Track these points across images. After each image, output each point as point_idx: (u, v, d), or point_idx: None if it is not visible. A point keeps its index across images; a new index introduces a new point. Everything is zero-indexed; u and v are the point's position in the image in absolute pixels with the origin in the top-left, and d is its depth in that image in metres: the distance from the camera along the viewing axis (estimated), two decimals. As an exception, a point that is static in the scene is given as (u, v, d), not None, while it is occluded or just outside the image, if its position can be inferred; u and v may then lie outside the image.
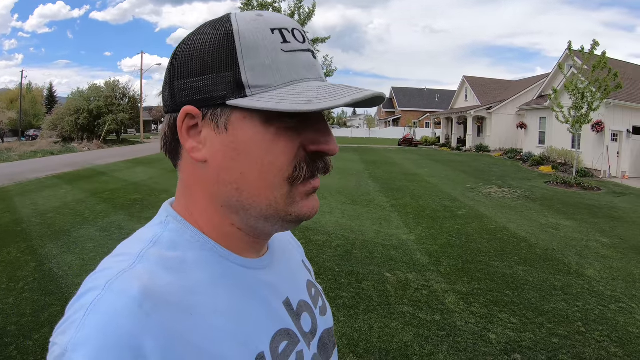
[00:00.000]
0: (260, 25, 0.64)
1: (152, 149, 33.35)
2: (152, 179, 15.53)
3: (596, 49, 16.03)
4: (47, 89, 70.70)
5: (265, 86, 0.62)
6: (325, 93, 0.60)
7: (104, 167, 19.93)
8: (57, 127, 40.99)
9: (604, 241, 8.18)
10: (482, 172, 19.07)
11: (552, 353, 4.23)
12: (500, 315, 5.03)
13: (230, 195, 0.66)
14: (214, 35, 0.64)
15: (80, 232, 8.11)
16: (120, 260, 0.62)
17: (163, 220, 0.70)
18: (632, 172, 19.09)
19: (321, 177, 0.71)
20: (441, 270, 6.42)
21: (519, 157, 25.39)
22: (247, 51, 0.62)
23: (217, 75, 0.62)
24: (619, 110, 19.21)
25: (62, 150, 31.90)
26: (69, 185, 14.08)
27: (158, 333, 0.54)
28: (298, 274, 0.88)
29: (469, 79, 40.00)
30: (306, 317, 0.80)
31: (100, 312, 0.53)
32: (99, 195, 12.25)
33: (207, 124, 0.64)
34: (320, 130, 0.66)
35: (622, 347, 4.36)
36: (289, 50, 0.64)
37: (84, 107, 40.30)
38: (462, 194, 13.27)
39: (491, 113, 32.47)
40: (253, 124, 0.63)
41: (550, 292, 5.72)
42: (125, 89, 45.13)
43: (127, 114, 42.81)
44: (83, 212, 9.94)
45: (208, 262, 0.66)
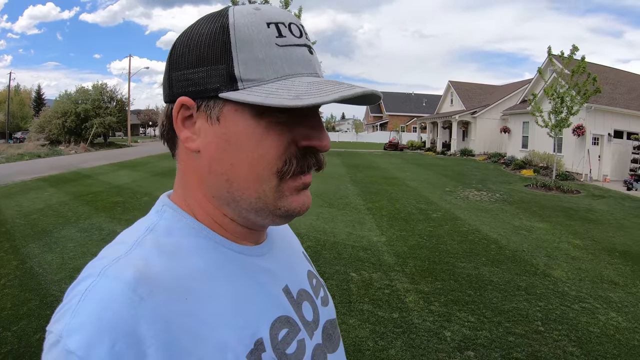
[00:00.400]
0: (256, 18, 0.64)
1: (138, 152, 33.29)
2: (135, 182, 15.55)
3: (575, 53, 16.16)
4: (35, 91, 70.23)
5: (257, 80, 0.62)
6: (315, 89, 0.60)
7: (89, 170, 19.87)
8: (44, 129, 40.58)
9: (576, 243, 8.18)
10: (463, 175, 19.08)
11: (506, 351, 4.22)
12: (459, 314, 5.02)
13: (221, 186, 0.67)
14: (211, 28, 0.64)
15: (62, 233, 8.21)
16: (117, 248, 0.63)
17: (159, 210, 0.72)
18: (613, 175, 19.16)
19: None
20: (406, 271, 6.40)
21: (502, 161, 25.50)
22: (241, 45, 0.62)
23: (211, 67, 0.63)
24: (600, 114, 19.30)
25: (49, 153, 31.68)
26: (54, 187, 14.11)
27: (153, 318, 0.55)
28: (298, 263, 0.88)
29: (454, 84, 40.17)
30: (307, 306, 0.79)
31: (95, 298, 0.54)
32: (83, 197, 12.30)
33: (201, 115, 0.65)
34: (313, 126, 0.67)
35: (580, 347, 4.34)
36: (283, 44, 0.64)
37: (71, 110, 39.98)
38: (440, 197, 13.25)
39: (476, 117, 32.61)
40: (244, 116, 0.63)
41: (513, 292, 5.70)
42: (112, 92, 44.84)
43: (114, 117, 42.53)
44: (66, 213, 10.02)
45: (204, 249, 0.67)
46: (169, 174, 17.89)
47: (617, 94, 21.20)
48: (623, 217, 11.00)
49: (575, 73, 15.39)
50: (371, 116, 75.18)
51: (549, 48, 17.14)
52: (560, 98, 15.79)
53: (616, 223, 10.19)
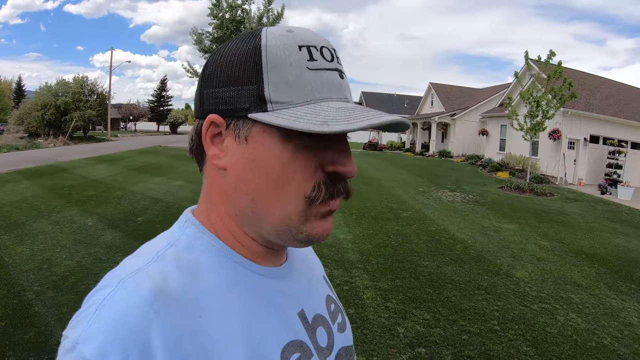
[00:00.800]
0: (288, 41, 0.64)
1: (117, 147, 32.83)
2: (111, 177, 15.39)
3: (552, 58, 16.25)
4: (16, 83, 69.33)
5: (286, 102, 0.62)
6: (343, 115, 0.60)
7: (66, 163, 19.61)
8: (23, 122, 39.93)
9: (544, 244, 8.17)
10: (439, 176, 19.09)
11: (458, 349, 4.20)
12: (415, 311, 4.99)
13: (246, 206, 0.66)
14: (243, 48, 0.65)
15: (34, 225, 8.21)
16: (137, 260, 0.63)
17: (182, 225, 0.71)
18: (588, 179, 19.35)
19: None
20: (368, 268, 6.35)
21: (479, 163, 25.60)
22: (272, 67, 0.62)
23: (242, 87, 0.63)
24: (577, 119, 19.47)
25: (28, 146, 31.17)
26: (29, 180, 13.97)
27: (166, 331, 0.55)
28: (317, 287, 0.86)
29: (435, 86, 40.33)
30: (322, 331, 0.78)
31: (112, 308, 0.55)
32: (57, 190, 12.18)
33: (229, 133, 0.65)
34: (340, 151, 0.66)
35: (535, 347, 4.31)
36: (314, 68, 0.64)
37: (51, 102, 39.28)
38: (413, 197, 13.23)
39: (455, 119, 32.77)
40: (272, 138, 0.63)
41: (473, 291, 5.67)
42: (93, 85, 44.23)
43: (94, 110, 41.92)
44: (39, 206, 9.94)
45: (222, 267, 0.67)
46: (145, 169, 17.80)
47: (594, 99, 21.41)
48: (594, 220, 11.07)
49: (552, 78, 15.45)
50: (353, 116, 75.09)
51: (526, 52, 17.21)
52: (536, 102, 15.85)
53: (586, 226, 10.24)
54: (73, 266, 5.98)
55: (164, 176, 15.89)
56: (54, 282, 5.40)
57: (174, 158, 23.27)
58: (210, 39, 28.95)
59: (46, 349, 3.87)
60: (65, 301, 4.87)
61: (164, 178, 15.38)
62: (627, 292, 5.97)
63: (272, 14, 30.14)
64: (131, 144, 36.21)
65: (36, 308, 4.68)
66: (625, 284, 6.26)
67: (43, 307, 4.70)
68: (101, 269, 5.84)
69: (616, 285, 6.18)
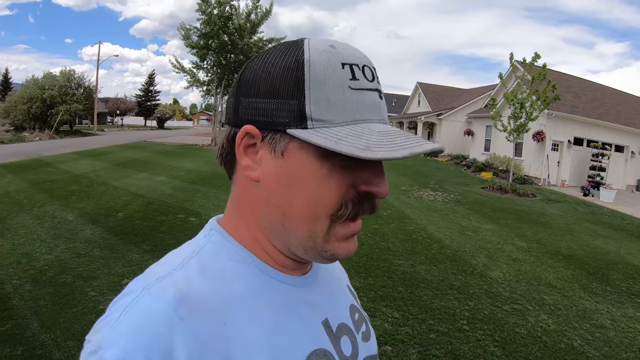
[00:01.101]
0: (332, 58, 0.62)
1: (103, 141, 32.53)
2: (94, 172, 15.27)
3: (537, 60, 16.30)
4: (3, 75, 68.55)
5: (327, 121, 0.61)
6: (386, 140, 0.59)
7: (50, 157, 19.45)
8: (9, 115, 39.66)
9: (521, 245, 8.18)
10: (422, 175, 19.09)
11: (424, 347, 4.19)
12: (385, 309, 4.98)
13: (276, 219, 0.66)
14: (286, 61, 0.63)
15: (15, 220, 8.20)
16: (162, 268, 0.63)
17: (207, 234, 0.71)
18: (571, 181, 19.47)
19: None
20: (342, 266, 6.20)
21: (464, 163, 25.66)
22: (315, 83, 0.61)
23: (282, 101, 0.61)
24: (561, 121, 19.56)
25: (13, 139, 30.84)
26: (13, 174, 13.89)
27: (190, 338, 0.55)
28: (341, 296, 0.86)
29: (422, 85, 40.47)
30: (346, 340, 0.77)
31: (135, 314, 0.55)
32: (40, 185, 12.07)
33: (265, 145, 0.64)
34: (375, 172, 0.65)
35: (503, 347, 4.30)
36: (356, 88, 0.62)
37: (37, 95, 38.90)
38: (394, 196, 13.18)
39: (441, 119, 32.88)
40: (309, 156, 0.62)
41: (446, 290, 5.66)
42: (80, 79, 43.95)
43: (80, 104, 41.60)
44: (21, 201, 9.89)
45: (247, 275, 0.67)
46: (129, 165, 17.66)
47: (579, 102, 21.53)
48: (574, 221, 11.12)
49: (536, 80, 15.50)
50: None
51: (511, 54, 17.27)
52: (520, 104, 15.90)
53: (566, 227, 10.27)
54: (52, 260, 6.00)
55: (148, 172, 15.77)
56: (32, 276, 5.44)
57: (159, 153, 23.15)
58: (198, 34, 28.82)
59: (22, 341, 3.89)
60: (43, 295, 4.90)
61: (147, 174, 15.26)
62: (602, 294, 5.97)
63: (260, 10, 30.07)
64: (117, 139, 35.89)
65: (14, 301, 4.72)
66: (601, 286, 6.26)
67: (20, 300, 4.74)
68: (79, 263, 5.92)
69: (591, 287, 6.18)
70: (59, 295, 4.89)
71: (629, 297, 5.92)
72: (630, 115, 22.49)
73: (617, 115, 21.81)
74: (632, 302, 5.76)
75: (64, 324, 4.23)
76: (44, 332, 4.05)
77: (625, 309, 5.51)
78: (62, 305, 4.64)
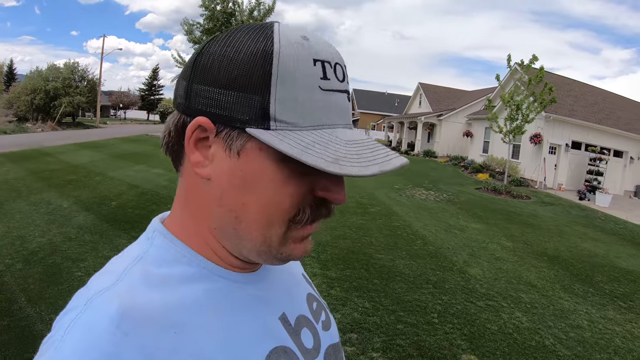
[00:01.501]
0: (304, 52, 0.57)
1: (104, 134, 32.88)
2: (92, 163, 15.48)
3: (535, 63, 16.30)
4: (7, 66, 68.76)
5: (291, 124, 0.56)
6: (354, 153, 0.55)
7: (51, 148, 19.65)
8: (12, 106, 39.84)
9: (507, 244, 8.18)
10: (418, 175, 19.07)
11: (389, 337, 4.23)
12: (356, 299, 5.02)
13: (228, 222, 0.61)
14: (252, 48, 0.56)
15: (12, 206, 8.41)
16: (104, 278, 0.59)
17: (150, 236, 0.66)
18: (568, 184, 19.45)
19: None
20: (321, 258, 6.38)
21: (462, 164, 25.65)
22: (283, 80, 0.55)
23: (243, 95, 0.55)
24: (559, 124, 19.52)
25: (15, 130, 31.09)
26: (13, 163, 14.13)
27: (137, 353, 0.52)
28: (297, 287, 0.83)
29: (424, 86, 40.52)
30: (307, 332, 0.75)
31: (78, 333, 0.52)
32: (39, 174, 12.29)
33: (219, 141, 0.59)
34: (335, 180, 0.61)
35: (470, 341, 4.31)
36: (326, 88, 0.58)
37: (41, 87, 38.94)
38: (386, 194, 13.22)
39: (441, 120, 32.83)
40: (267, 158, 0.57)
41: (421, 284, 5.68)
42: (84, 72, 44.05)
43: (84, 97, 41.79)
44: (20, 188, 10.11)
45: (195, 278, 0.62)
46: (127, 157, 17.83)
47: (578, 106, 21.49)
48: (565, 224, 11.10)
49: (533, 82, 15.48)
50: (343, 113, 75.62)
51: (509, 56, 17.19)
52: (516, 105, 15.88)
53: (556, 229, 10.26)
54: (44, 243, 6.26)
55: (145, 164, 15.96)
56: (24, 256, 5.69)
57: (158, 147, 22.85)
58: (201, 30, 28.85)
59: (9, 313, 4.19)
60: (32, 273, 5.18)
61: (144, 166, 15.46)
62: (583, 295, 5.96)
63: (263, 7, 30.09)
64: (118, 132, 36.21)
65: (5, 278, 4.99)
66: (583, 287, 6.25)
67: (11, 278, 5.02)
68: (69, 246, 6.19)
69: (572, 288, 6.17)
70: (47, 274, 5.16)
71: (611, 299, 5.91)
72: (630, 121, 22.42)
73: (616, 120, 21.75)
74: (613, 304, 5.74)
75: (49, 299, 4.52)
76: (29, 306, 4.34)
77: (605, 310, 5.49)
78: (49, 283, 4.93)
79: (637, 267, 7.61)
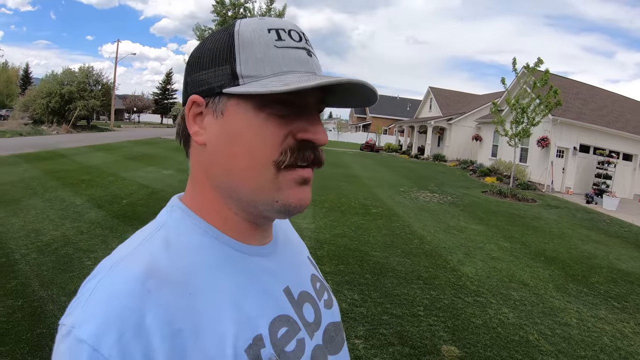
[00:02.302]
0: (259, 25, 0.70)
1: (118, 137, 33.29)
2: (105, 164, 15.83)
3: (540, 66, 16.26)
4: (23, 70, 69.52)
5: (255, 76, 0.67)
6: (305, 79, 0.65)
7: (65, 150, 20.04)
8: (28, 108, 40.36)
9: (504, 245, 8.22)
10: (425, 178, 19.12)
11: (373, 326, 4.37)
12: (346, 292, 5.17)
13: (222, 177, 0.71)
14: (220, 36, 0.71)
15: (28, 202, 8.84)
16: (126, 245, 0.68)
17: (169, 210, 0.75)
18: (576, 188, 19.34)
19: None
20: (318, 254, 6.53)
21: (471, 168, 25.57)
22: (243, 47, 0.68)
23: (217, 68, 0.69)
24: (566, 127, 19.44)
25: (31, 132, 31.60)
26: (29, 164, 14.54)
27: (159, 310, 0.58)
28: (302, 266, 0.90)
29: (434, 90, 40.43)
30: (308, 307, 0.81)
31: (104, 292, 0.58)
32: (54, 174, 12.73)
33: (208, 111, 0.70)
34: (309, 120, 0.70)
35: (453, 333, 4.41)
36: (281, 46, 0.69)
37: (56, 90, 39.62)
38: (390, 196, 13.29)
39: (451, 124, 32.78)
40: (245, 109, 0.68)
41: (412, 280, 5.79)
42: (99, 76, 44.59)
43: (98, 100, 42.28)
44: (35, 187, 10.56)
45: (210, 247, 0.70)
46: (140, 159, 18.14)
47: (587, 109, 21.38)
48: (569, 226, 11.08)
49: (538, 85, 15.47)
50: (355, 117, 75.51)
51: (514, 59, 17.20)
52: (521, 109, 15.86)
53: (558, 231, 10.26)
54: (57, 236, 6.64)
55: (156, 165, 16.28)
56: (38, 247, 6.10)
57: (170, 149, 23.44)
58: (213, 34, 29.08)
59: (23, 296, 4.56)
60: (45, 262, 5.55)
61: (155, 167, 15.78)
62: (576, 294, 5.96)
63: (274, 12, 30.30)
64: (132, 135, 36.55)
65: (20, 266, 5.38)
66: (577, 287, 6.26)
67: (26, 265, 5.40)
68: (81, 239, 6.58)
69: (566, 288, 6.19)
70: (60, 263, 5.53)
71: (605, 299, 5.88)
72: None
73: (625, 123, 21.61)
74: (607, 304, 5.72)
75: (60, 284, 4.87)
76: (42, 290, 4.72)
77: (597, 310, 5.48)
78: (60, 270, 5.30)
79: (637, 269, 7.57)
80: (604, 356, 4.29)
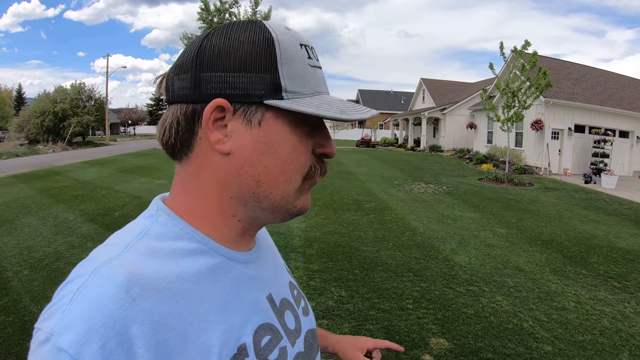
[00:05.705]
0: (293, 38, 0.69)
1: (113, 150, 33.33)
2: (99, 178, 15.89)
3: (527, 48, 16.16)
4: (16, 90, 69.74)
5: (298, 93, 0.66)
6: (349, 107, 0.68)
7: (60, 167, 20.13)
8: (23, 129, 40.59)
9: (500, 231, 8.12)
10: (420, 170, 19.03)
11: (359, 322, 4.32)
12: (333, 289, 5.14)
13: (248, 187, 0.68)
14: (253, 37, 0.66)
15: (22, 221, 8.91)
16: (109, 249, 0.63)
17: (153, 214, 0.71)
18: (574, 169, 19.23)
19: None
20: (307, 252, 6.50)
21: (467, 156, 25.53)
22: (286, 59, 0.66)
23: (256, 75, 0.65)
24: (560, 108, 19.33)
25: (27, 152, 31.59)
26: (24, 183, 14.60)
27: (143, 318, 0.55)
28: (281, 273, 0.89)
29: (426, 81, 40.39)
30: (289, 315, 0.81)
31: (87, 298, 0.55)
32: (48, 191, 12.83)
33: (236, 118, 0.66)
34: (325, 136, 0.73)
35: (442, 325, 4.33)
36: (312, 65, 0.70)
37: (49, 109, 39.81)
38: (384, 190, 13.22)
39: (445, 114, 32.70)
40: (284, 124, 0.67)
41: (402, 273, 5.71)
42: (91, 91, 44.77)
43: (92, 116, 42.41)
44: (29, 205, 10.61)
45: (196, 253, 0.67)
46: (134, 171, 18.17)
47: (579, 89, 21.24)
48: (567, 208, 10.98)
49: (527, 67, 15.33)
50: (351, 115, 75.59)
51: (501, 43, 17.02)
52: (512, 93, 15.74)
53: (556, 214, 10.15)
54: (49, 252, 6.74)
55: (150, 176, 16.32)
56: (30, 264, 6.18)
57: (164, 160, 23.41)
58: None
59: (14, 311, 4.66)
60: (37, 277, 5.65)
61: (149, 178, 15.83)
62: (574, 277, 5.83)
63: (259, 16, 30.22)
64: (127, 148, 36.63)
65: (12, 283, 5.47)
66: (575, 269, 6.14)
67: (18, 282, 5.48)
68: (72, 253, 6.67)
69: (563, 271, 6.06)
70: (51, 277, 5.62)
71: (604, 279, 5.75)
72: (634, 100, 22.12)
73: (619, 101, 21.48)
74: (606, 284, 5.58)
75: (50, 298, 4.59)
76: (33, 305, 4.79)
77: (596, 291, 5.34)
78: (51, 284, 5.33)
79: (637, 246, 7.43)
80: (603, 339, 4.15)
